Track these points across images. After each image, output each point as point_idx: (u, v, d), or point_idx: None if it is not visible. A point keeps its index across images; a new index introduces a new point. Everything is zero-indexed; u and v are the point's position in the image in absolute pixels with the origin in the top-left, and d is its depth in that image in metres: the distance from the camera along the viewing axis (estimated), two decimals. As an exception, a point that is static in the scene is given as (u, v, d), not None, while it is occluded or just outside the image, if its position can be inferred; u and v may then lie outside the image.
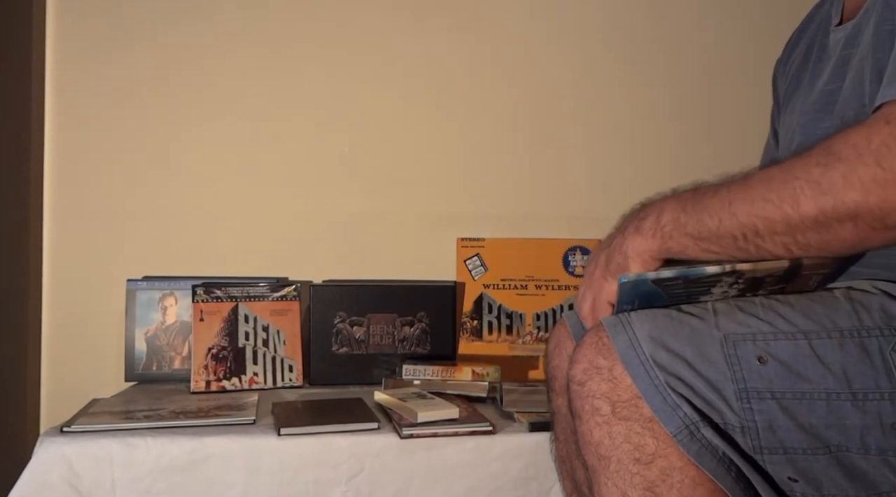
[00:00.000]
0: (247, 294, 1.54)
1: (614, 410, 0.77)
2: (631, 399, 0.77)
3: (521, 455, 1.22)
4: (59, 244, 1.64)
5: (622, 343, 0.78)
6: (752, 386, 0.76)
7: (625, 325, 0.80)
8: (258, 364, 1.52)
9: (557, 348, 1.08)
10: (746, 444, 0.77)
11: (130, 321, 1.58)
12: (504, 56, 1.77)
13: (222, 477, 1.16)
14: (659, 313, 0.81)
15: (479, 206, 1.76)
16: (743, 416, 0.76)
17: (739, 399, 0.76)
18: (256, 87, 1.70)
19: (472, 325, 1.67)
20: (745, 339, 0.78)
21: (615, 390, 0.77)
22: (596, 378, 0.79)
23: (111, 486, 1.13)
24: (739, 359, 0.77)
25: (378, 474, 1.19)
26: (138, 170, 1.66)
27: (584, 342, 0.82)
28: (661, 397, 0.75)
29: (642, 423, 0.76)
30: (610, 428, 0.77)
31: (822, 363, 0.76)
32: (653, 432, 0.76)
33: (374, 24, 1.73)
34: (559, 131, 1.80)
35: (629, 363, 0.77)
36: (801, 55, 1.10)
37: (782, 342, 0.77)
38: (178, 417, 1.24)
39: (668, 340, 0.78)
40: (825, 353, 0.77)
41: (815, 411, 0.76)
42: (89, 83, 1.65)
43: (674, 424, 0.75)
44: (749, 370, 0.76)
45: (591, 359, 0.80)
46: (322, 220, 1.72)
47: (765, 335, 0.78)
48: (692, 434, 0.75)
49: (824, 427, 0.76)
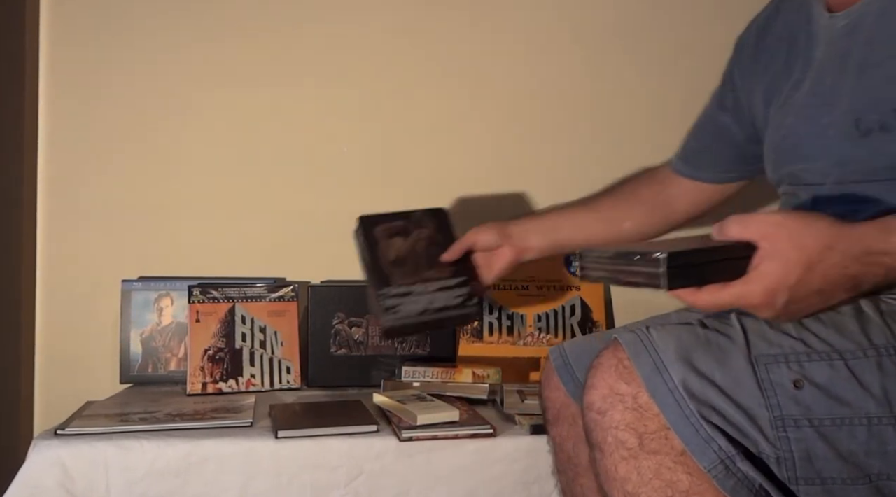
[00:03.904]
0: (244, 295, 1.52)
1: (642, 443, 0.72)
2: (659, 430, 0.71)
3: (522, 458, 1.22)
4: (53, 244, 1.62)
5: (646, 366, 0.73)
6: (787, 413, 0.71)
7: (646, 344, 0.74)
8: (255, 366, 1.51)
9: (547, 380, 1.08)
10: (782, 475, 0.72)
11: (125, 322, 1.56)
12: (505, 55, 1.76)
13: (219, 480, 1.15)
14: (682, 331, 0.75)
15: (479, 205, 1.75)
16: (778, 446, 0.72)
17: (775, 427, 0.71)
18: (253, 86, 1.69)
19: (473, 326, 1.65)
20: (777, 362, 0.73)
21: (641, 420, 0.72)
22: (619, 406, 0.73)
23: (106, 489, 1.12)
24: (773, 384, 0.72)
25: (377, 477, 1.18)
26: (133, 168, 1.65)
27: (601, 364, 0.76)
28: (694, 429, 0.70)
29: (674, 456, 0.71)
30: (638, 462, 0.72)
31: (862, 385, 0.72)
32: (686, 467, 0.71)
33: (374, 23, 1.72)
34: (561, 131, 1.79)
35: (656, 391, 0.72)
36: (779, 43, 1.02)
37: (818, 364, 0.73)
38: (174, 420, 1.23)
39: (697, 363, 0.72)
40: (863, 373, 0.72)
41: (857, 438, 0.71)
42: (83, 81, 1.63)
43: (708, 459, 0.70)
44: (784, 396, 0.72)
45: (612, 384, 0.74)
46: (320, 220, 1.71)
47: (798, 356, 0.73)
48: (728, 468, 0.70)
49: (864, 454, 0.72)
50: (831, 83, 0.89)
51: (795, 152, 0.95)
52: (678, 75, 1.80)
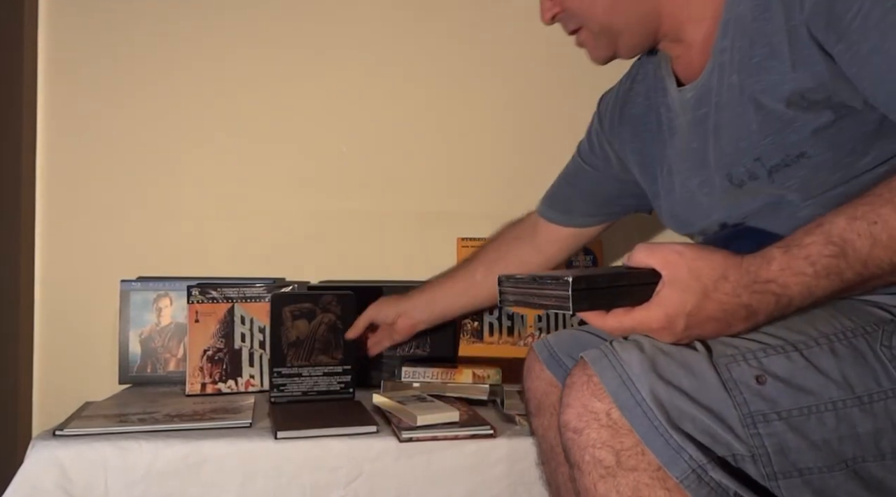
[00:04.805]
0: (243, 295, 1.52)
1: (619, 461, 0.72)
2: (635, 445, 0.71)
3: (522, 459, 1.21)
4: (51, 244, 1.62)
5: (613, 382, 0.73)
6: (755, 409, 0.72)
7: (611, 359, 0.74)
8: (255, 366, 1.50)
9: (529, 371, 1.10)
10: (759, 473, 0.72)
11: (124, 322, 1.56)
12: (504, 55, 1.76)
13: (218, 481, 1.15)
14: (644, 341, 0.76)
15: (479, 205, 1.74)
16: (751, 443, 0.72)
17: (745, 425, 0.72)
18: (252, 86, 1.68)
19: (473, 327, 1.65)
20: (736, 360, 0.74)
21: (616, 437, 0.72)
22: (594, 424, 0.73)
23: (104, 490, 1.12)
24: (737, 382, 0.73)
25: (376, 478, 1.18)
26: (132, 168, 1.65)
27: (573, 383, 0.76)
28: (664, 440, 0.70)
29: (651, 473, 0.71)
30: (616, 480, 0.72)
31: (821, 372, 0.74)
32: (663, 482, 0.71)
33: (372, 23, 1.72)
34: (561, 130, 1.78)
35: (624, 405, 0.72)
36: (645, 117, 1.10)
37: (775, 357, 0.74)
38: (173, 421, 1.22)
39: (662, 371, 0.73)
40: (820, 361, 0.74)
41: (826, 424, 0.73)
42: (83, 82, 1.63)
43: (679, 469, 0.70)
44: (749, 393, 0.73)
45: (585, 402, 0.74)
46: (319, 220, 1.70)
47: (755, 353, 0.75)
48: (700, 478, 0.70)
49: (837, 440, 0.73)
50: (697, 147, 0.96)
51: (688, 221, 1.03)
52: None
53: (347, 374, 1.42)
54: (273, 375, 1.39)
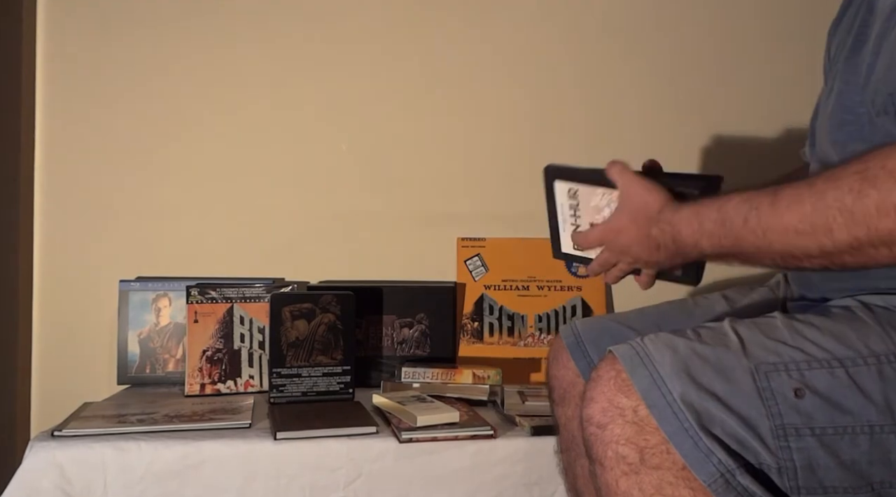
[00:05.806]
0: (242, 295, 1.51)
1: (643, 458, 0.71)
2: (660, 444, 0.71)
3: (522, 460, 1.21)
4: (50, 244, 1.62)
5: (644, 380, 0.73)
6: (789, 422, 0.71)
7: (642, 357, 0.74)
8: (254, 367, 1.50)
9: (555, 359, 1.09)
10: (783, 485, 0.72)
11: (123, 323, 1.55)
12: (505, 54, 1.76)
13: (217, 482, 1.14)
14: (678, 341, 0.76)
15: (480, 205, 1.74)
16: (780, 456, 0.71)
17: (776, 437, 0.71)
18: (252, 85, 1.68)
19: (473, 327, 1.65)
20: (777, 370, 0.73)
21: (642, 434, 0.72)
22: (619, 420, 0.73)
23: (103, 491, 1.12)
24: (774, 392, 0.72)
25: (376, 479, 1.18)
26: (131, 168, 1.64)
27: (600, 377, 0.76)
28: (693, 442, 0.70)
29: (675, 471, 0.71)
30: (639, 478, 0.71)
31: (863, 393, 0.72)
32: (688, 482, 0.70)
33: (373, 21, 1.71)
34: (561, 129, 1.78)
35: (654, 404, 0.72)
36: (851, 15, 1.02)
37: (818, 372, 0.73)
38: (172, 421, 1.22)
39: (696, 374, 0.72)
40: (864, 382, 0.72)
41: (859, 446, 0.71)
42: (81, 80, 1.62)
43: (707, 473, 0.70)
44: (785, 405, 0.72)
45: (611, 397, 0.74)
46: (319, 220, 1.70)
47: (798, 364, 0.73)
48: (728, 482, 0.70)
49: (867, 463, 0.71)
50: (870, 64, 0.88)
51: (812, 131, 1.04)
52: (673, 77, 1.79)
53: (347, 374, 1.41)
54: (272, 376, 1.38)
